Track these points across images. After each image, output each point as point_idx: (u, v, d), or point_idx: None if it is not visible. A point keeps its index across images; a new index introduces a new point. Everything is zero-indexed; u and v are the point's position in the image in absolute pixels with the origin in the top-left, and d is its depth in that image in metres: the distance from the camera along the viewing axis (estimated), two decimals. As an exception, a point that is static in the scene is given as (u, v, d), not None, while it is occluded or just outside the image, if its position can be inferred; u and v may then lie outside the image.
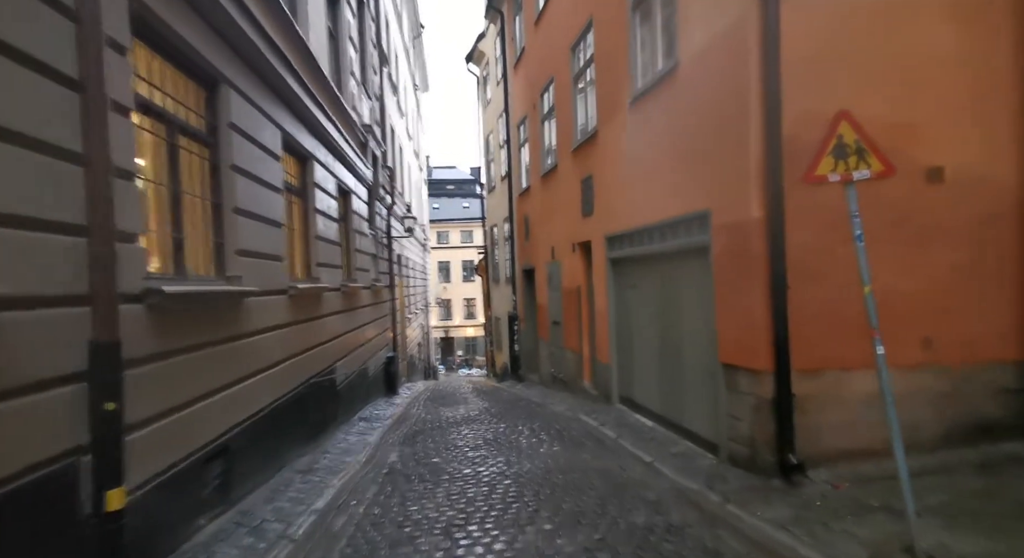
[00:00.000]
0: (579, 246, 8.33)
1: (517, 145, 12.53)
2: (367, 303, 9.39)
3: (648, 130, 5.77)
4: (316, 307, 6.14)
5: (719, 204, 4.44)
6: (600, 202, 7.34)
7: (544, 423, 6.79)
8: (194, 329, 3.31)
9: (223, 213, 3.89)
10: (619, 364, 6.97)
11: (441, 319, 40.42)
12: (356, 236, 8.80)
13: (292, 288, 5.16)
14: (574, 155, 8.30)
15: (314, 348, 5.89)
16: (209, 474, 3.36)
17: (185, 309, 3.21)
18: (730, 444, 4.41)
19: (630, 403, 6.66)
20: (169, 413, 2.92)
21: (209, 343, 3.47)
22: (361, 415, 8.17)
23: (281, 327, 4.86)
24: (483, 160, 17.06)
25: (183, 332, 3.18)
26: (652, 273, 5.89)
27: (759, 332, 3.99)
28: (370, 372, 9.43)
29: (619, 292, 6.87)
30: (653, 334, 5.90)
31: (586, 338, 8.34)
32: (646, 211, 5.82)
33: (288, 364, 5.00)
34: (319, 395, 6.04)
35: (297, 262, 5.94)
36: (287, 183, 5.57)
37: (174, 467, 2.96)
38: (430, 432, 6.93)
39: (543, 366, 11.13)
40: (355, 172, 8.78)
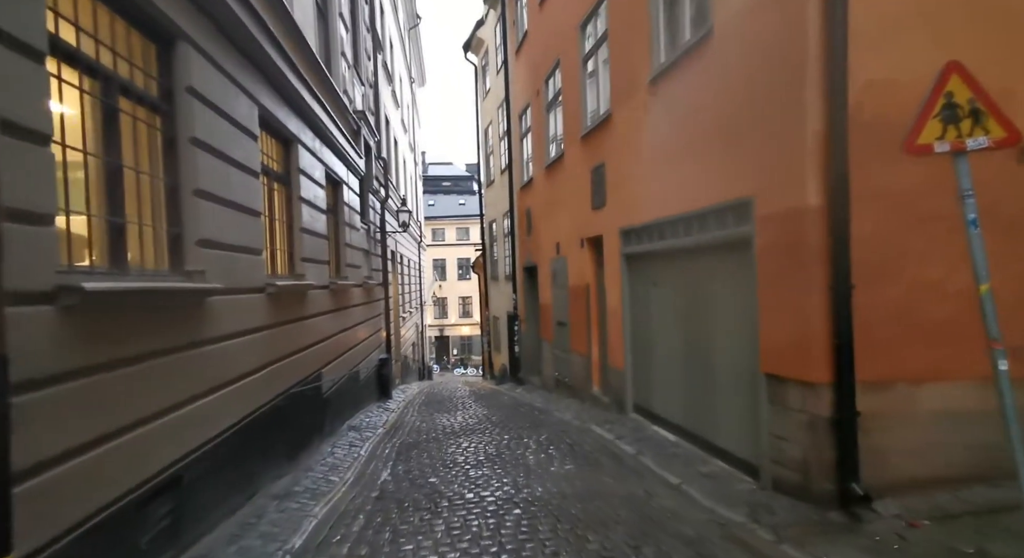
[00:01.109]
0: (588, 241, 7.72)
1: (518, 135, 11.90)
2: (358, 302, 8.74)
3: (673, 110, 5.16)
4: (300, 307, 5.50)
5: (764, 190, 3.83)
6: (613, 193, 6.73)
7: (552, 435, 6.17)
8: (135, 336, 2.67)
9: (181, 195, 3.24)
10: (634, 370, 6.36)
11: (436, 318, 39.75)
12: (346, 230, 8.14)
13: (271, 286, 4.51)
14: (583, 143, 7.68)
15: (296, 353, 5.25)
16: (152, 515, 2.72)
17: (121, 311, 2.57)
18: (774, 467, 3.81)
19: (647, 413, 6.05)
20: (89, 447, 2.27)
21: (156, 353, 2.83)
22: (351, 423, 7.53)
23: (256, 331, 4.22)
24: (481, 153, 16.42)
25: (118, 340, 2.54)
26: (676, 270, 5.28)
27: (815, 338, 3.39)
28: (361, 376, 8.79)
29: (636, 291, 6.26)
30: (677, 338, 5.30)
31: (595, 340, 7.73)
32: (670, 201, 5.21)
33: (264, 373, 4.36)
34: (302, 405, 5.39)
35: (279, 257, 5.29)
36: (266, 167, 4.92)
37: (98, 514, 2.32)
38: (426, 445, 6.30)
39: (546, 369, 10.52)
40: (346, 161, 8.12)
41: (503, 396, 10.96)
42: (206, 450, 3.31)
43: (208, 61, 3.58)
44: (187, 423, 3.09)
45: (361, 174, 9.42)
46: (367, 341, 9.40)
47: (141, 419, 2.65)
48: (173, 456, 2.93)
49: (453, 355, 40.18)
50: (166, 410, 2.88)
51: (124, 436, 2.50)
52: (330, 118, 6.83)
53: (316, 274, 6.11)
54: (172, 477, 2.89)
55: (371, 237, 10.87)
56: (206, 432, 3.34)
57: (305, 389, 5.48)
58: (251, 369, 4.10)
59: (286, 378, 4.94)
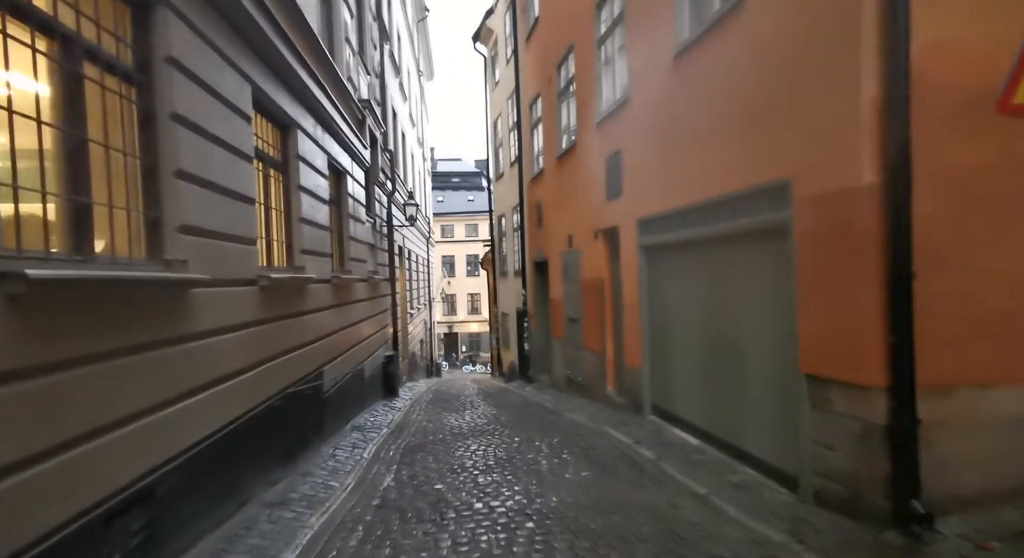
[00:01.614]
0: (603, 233, 7.35)
1: (529, 126, 11.53)
2: (363, 297, 8.44)
3: (697, 88, 4.77)
4: (299, 301, 5.19)
5: (805, 171, 3.45)
6: (630, 181, 6.35)
7: (565, 437, 5.83)
8: (102, 331, 2.36)
9: (159, 176, 2.93)
10: (653, 369, 5.99)
11: (445, 314, 39.52)
12: (351, 222, 7.84)
13: (265, 278, 4.20)
14: (598, 130, 7.30)
15: (295, 350, 4.94)
16: (122, 532, 2.41)
17: (85, 304, 2.26)
18: (816, 479, 3.44)
19: (667, 415, 5.69)
20: (40, 459, 1.96)
21: (128, 350, 2.52)
22: (355, 423, 7.24)
23: (247, 326, 3.91)
24: (491, 147, 16.06)
25: (81, 336, 2.23)
26: (700, 261, 4.91)
27: (868, 335, 3.01)
28: (366, 374, 8.49)
29: (654, 284, 5.89)
30: (700, 334, 4.92)
31: (610, 337, 7.37)
32: (694, 187, 4.83)
33: (257, 372, 4.05)
34: (300, 405, 5.09)
35: (276, 248, 4.98)
36: (261, 151, 4.61)
37: (54, 534, 2.01)
38: (432, 446, 5.99)
39: (556, 367, 10.17)
40: (350, 150, 7.81)
41: (512, 395, 10.63)
42: (188, 457, 3.00)
43: (192, 30, 3.26)
44: (164, 428, 2.78)
45: (367, 165, 9.10)
46: (372, 338, 9.11)
47: (106, 425, 2.34)
48: (145, 466, 2.61)
49: (462, 352, 39.93)
50: (138, 414, 2.57)
51: (82, 446, 2.18)
52: (333, 105, 6.51)
53: (317, 267, 5.81)
54: (143, 490, 2.58)
55: (377, 231, 10.57)
56: (188, 437, 3.03)
57: (304, 388, 5.18)
58: (241, 368, 3.79)
59: (282, 377, 4.64)
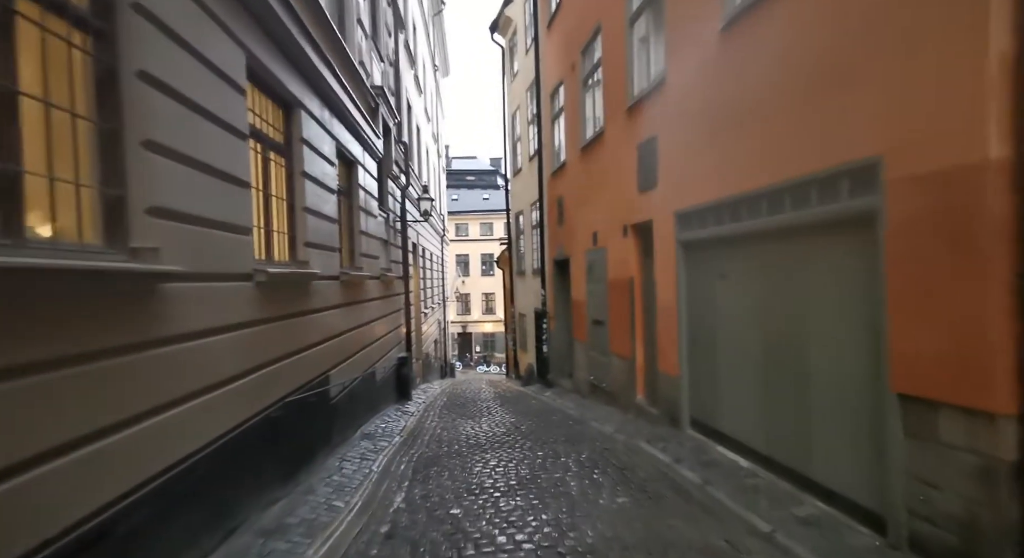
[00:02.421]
0: (633, 229, 6.76)
1: (549, 117, 10.96)
2: (375, 296, 7.96)
3: (752, 61, 4.18)
4: (302, 299, 4.70)
5: (902, 145, 2.84)
6: (667, 171, 5.76)
7: (594, 452, 5.26)
8: (33, 336, 1.86)
9: (123, 145, 2.43)
10: (693, 378, 5.40)
11: (459, 314, 39.09)
12: (362, 216, 7.35)
13: (261, 272, 3.71)
14: (629, 116, 6.72)
15: (297, 354, 4.45)
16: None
17: (7, 298, 1.76)
18: (913, 521, 2.83)
19: (709, 431, 5.09)
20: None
21: (75, 359, 2.02)
22: (365, 430, 6.75)
23: (240, 327, 3.42)
24: (508, 141, 15.52)
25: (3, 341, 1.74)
26: (755, 258, 4.30)
27: (991, 349, 2.41)
28: (378, 376, 8.01)
29: (695, 285, 5.29)
30: (755, 342, 4.32)
31: (640, 342, 6.78)
32: (745, 175, 4.24)
33: (252, 379, 3.56)
34: (304, 414, 4.60)
35: (276, 239, 4.49)
36: (259, 131, 4.12)
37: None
38: (447, 460, 5.46)
39: (578, 372, 9.59)
40: (361, 139, 7.33)
41: (531, 400, 10.08)
42: (163, 482, 2.51)
43: (169, -22, 2.76)
44: (130, 451, 2.28)
45: (379, 156, 8.63)
46: (385, 338, 8.63)
47: (42, 454, 1.84)
48: (103, 499, 2.12)
49: (476, 352, 39.46)
50: (91, 437, 2.08)
51: (15, 478, 1.69)
52: (342, 87, 6.02)
53: (323, 262, 5.31)
54: (97, 530, 2.08)
55: (390, 226, 10.10)
56: (162, 459, 2.54)
57: (308, 395, 4.68)
58: (233, 374, 3.30)
59: (283, 384, 4.15)
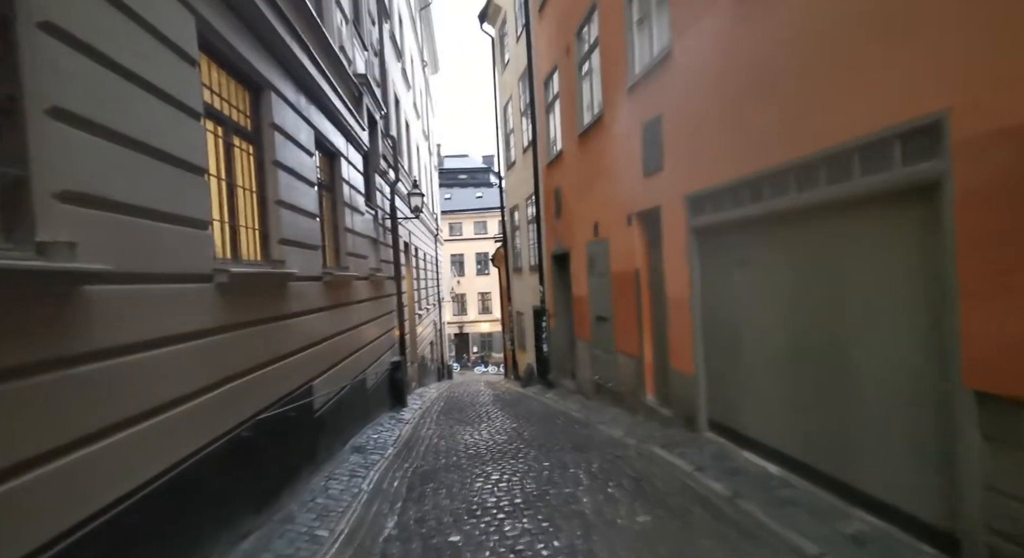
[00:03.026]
0: (638, 217, 6.30)
1: (543, 105, 10.49)
2: (364, 297, 7.47)
3: (774, 20, 3.71)
4: (278, 302, 4.22)
5: (976, 98, 2.39)
6: (675, 152, 5.30)
7: (605, 461, 4.80)
8: None
9: (20, 113, 1.95)
10: (710, 376, 4.94)
11: (455, 314, 38.57)
12: (347, 212, 6.86)
13: (223, 272, 3.22)
14: (631, 96, 6.25)
15: (272, 364, 3.97)
16: None
17: None
18: (995, 540, 2.39)
19: (731, 434, 4.63)
20: None
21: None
22: (356, 443, 6.27)
23: (196, 336, 2.93)
24: (500, 134, 15.03)
25: None
26: (783, 241, 3.85)
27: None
28: (369, 383, 7.53)
29: (711, 274, 4.83)
30: (783, 334, 3.87)
31: (649, 338, 6.32)
32: (770, 148, 3.78)
33: (213, 397, 3.07)
34: (283, 431, 4.12)
35: (245, 236, 4.00)
36: (217, 110, 3.62)
37: None
38: (445, 474, 4.99)
39: (582, 371, 9.13)
40: (344, 129, 6.83)
41: (532, 402, 9.62)
42: (89, 531, 2.02)
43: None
44: (40, 494, 1.80)
45: (365, 149, 8.13)
46: (376, 342, 8.14)
47: None
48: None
49: (473, 352, 38.97)
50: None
51: None
52: (320, 71, 5.53)
53: (303, 262, 4.83)
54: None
55: (379, 224, 9.60)
56: (86, 504, 2.05)
57: (287, 410, 4.20)
58: (187, 393, 2.82)
59: (255, 399, 3.66)
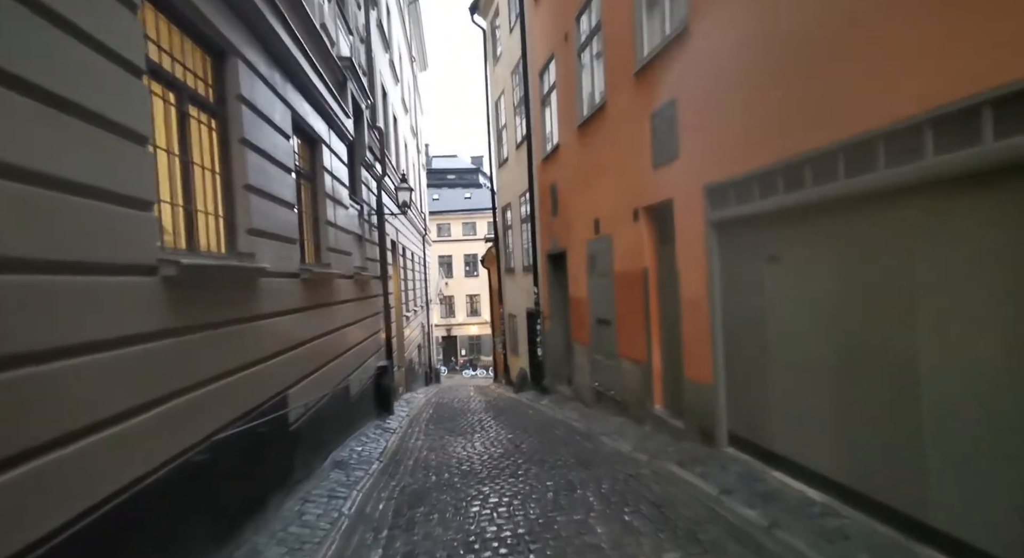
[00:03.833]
0: (646, 211, 5.82)
1: (538, 98, 10.01)
2: (348, 297, 6.90)
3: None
4: (246, 301, 3.66)
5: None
6: (692, 139, 4.83)
7: (617, 481, 4.29)
8: None
9: None
10: (732, 385, 4.47)
11: (443, 317, 37.91)
12: (330, 205, 6.29)
13: (169, 264, 2.66)
14: (638, 80, 5.78)
15: (235, 373, 3.40)
16: None
17: None
18: None
19: (757, 450, 4.16)
20: None
21: None
22: (338, 457, 5.70)
23: (131, 342, 2.37)
24: (491, 130, 14.53)
25: None
26: (824, 233, 3.37)
27: None
28: (353, 390, 6.95)
29: (734, 272, 4.36)
30: (825, 338, 3.39)
31: (657, 343, 5.84)
32: (812, 126, 3.32)
33: (156, 415, 2.51)
34: (250, 449, 3.56)
35: (204, 223, 3.44)
36: (165, 71, 3.05)
37: None
38: (437, 495, 4.45)
39: (580, 377, 8.64)
40: (326, 114, 6.28)
41: (527, 410, 9.10)
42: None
43: None
44: None
45: (350, 138, 7.57)
46: (361, 346, 7.57)
47: None
48: None
49: (461, 356, 38.33)
50: None
51: None
52: (298, 46, 4.97)
53: (277, 256, 4.27)
54: None
55: (365, 220, 9.03)
56: None
57: (255, 425, 3.63)
58: (116, 414, 2.25)
59: (212, 415, 3.10)
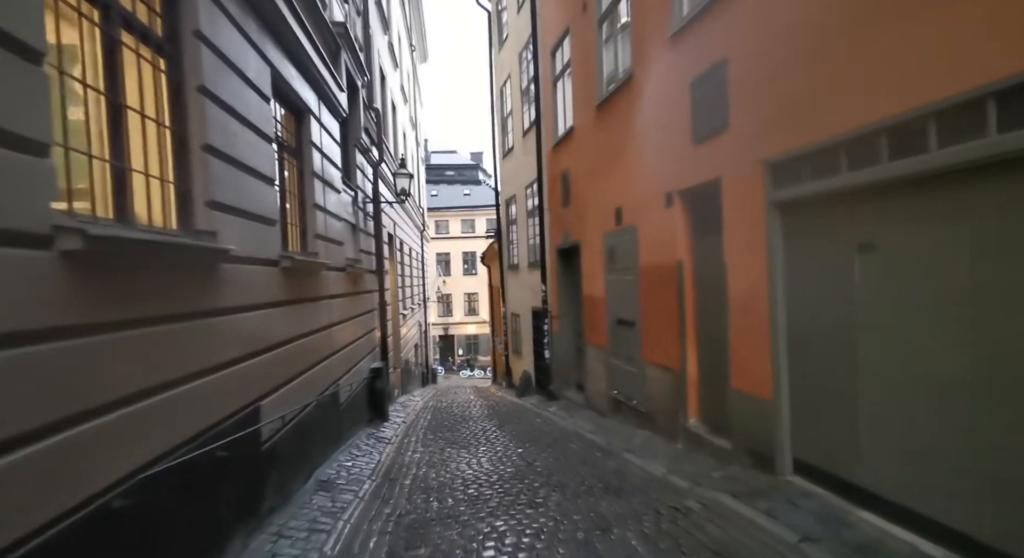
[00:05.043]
0: (683, 195, 5.06)
1: (549, 79, 9.23)
2: (339, 292, 6.12)
3: None
4: (196, 291, 2.87)
5: None
6: (748, 104, 4.06)
7: (661, 518, 3.52)
8: None
9: None
10: (798, 401, 3.70)
11: (440, 315, 37.09)
12: (319, 186, 5.50)
13: (71, 235, 1.87)
14: (675, 44, 5.01)
15: (179, 386, 2.62)
16: None
17: None
18: None
19: (832, 482, 3.39)
20: None
21: None
22: (323, 474, 4.92)
23: (11, 344, 1.59)
24: (496, 119, 13.74)
25: None
26: (953, 213, 2.61)
27: None
28: (343, 396, 6.17)
29: (804, 264, 3.60)
30: (953, 350, 2.63)
31: (693, 348, 5.07)
32: (946, 69, 2.56)
33: (48, 449, 1.73)
34: (199, 484, 2.77)
35: (141, 185, 2.64)
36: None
37: None
38: (439, 529, 3.67)
39: (594, 383, 7.87)
40: (316, 83, 5.48)
41: (533, 417, 8.32)
42: None
43: None
44: None
45: (343, 115, 6.77)
46: (353, 346, 6.79)
47: None
48: None
49: (458, 355, 37.53)
50: None
51: None
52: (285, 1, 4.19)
53: (248, 237, 3.49)
54: None
55: (359, 208, 8.24)
56: None
57: (210, 450, 2.84)
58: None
59: (139, 445, 2.32)
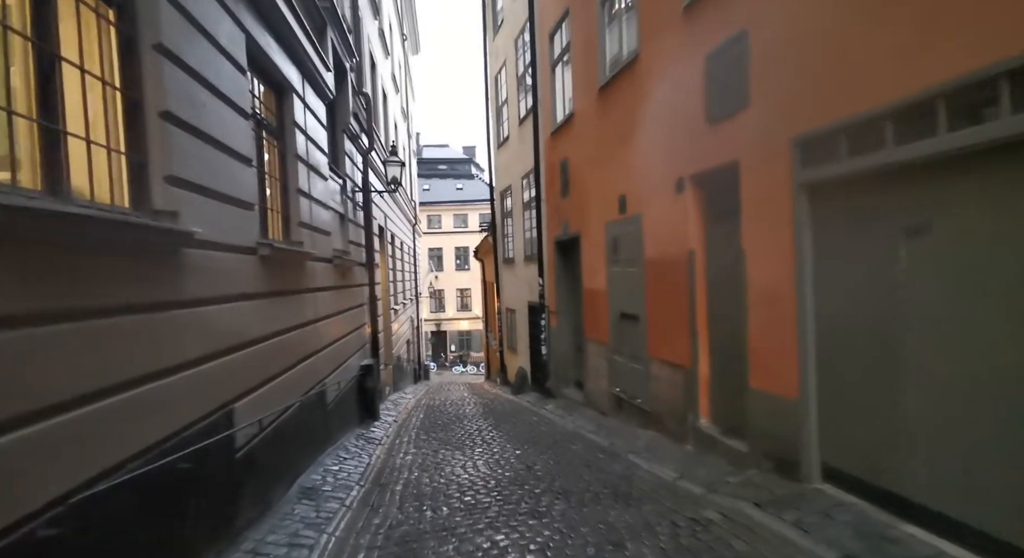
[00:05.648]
0: (695, 180, 4.72)
1: (547, 63, 8.85)
2: (326, 284, 5.73)
3: None
4: (153, 280, 2.50)
5: None
6: (772, 79, 3.72)
7: (679, 530, 3.19)
8: None
9: None
10: (827, 402, 3.38)
11: (432, 311, 36.68)
12: (303, 170, 5.10)
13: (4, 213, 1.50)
14: (688, 16, 4.66)
15: (124, 390, 2.24)
16: None
17: None
18: None
19: (871, 492, 3.07)
20: None
21: None
22: (307, 481, 4.55)
23: None
24: (490, 107, 13.34)
25: None
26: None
27: None
28: (330, 396, 5.80)
29: (837, 252, 3.27)
30: (1017, 344, 2.32)
31: (705, 343, 4.75)
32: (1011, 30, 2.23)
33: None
34: (155, 502, 2.40)
35: (78, 152, 2.25)
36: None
37: None
38: (433, 543, 3.31)
39: (594, 381, 7.54)
40: (300, 60, 5.08)
41: (531, 416, 7.99)
42: None
43: None
44: None
45: (330, 96, 6.36)
46: (341, 342, 6.41)
47: None
48: None
49: (451, 351, 37.15)
50: None
51: None
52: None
53: (219, 221, 3.10)
54: None
55: (348, 197, 7.83)
56: None
57: (166, 462, 2.47)
58: None
59: (71, 462, 1.94)
